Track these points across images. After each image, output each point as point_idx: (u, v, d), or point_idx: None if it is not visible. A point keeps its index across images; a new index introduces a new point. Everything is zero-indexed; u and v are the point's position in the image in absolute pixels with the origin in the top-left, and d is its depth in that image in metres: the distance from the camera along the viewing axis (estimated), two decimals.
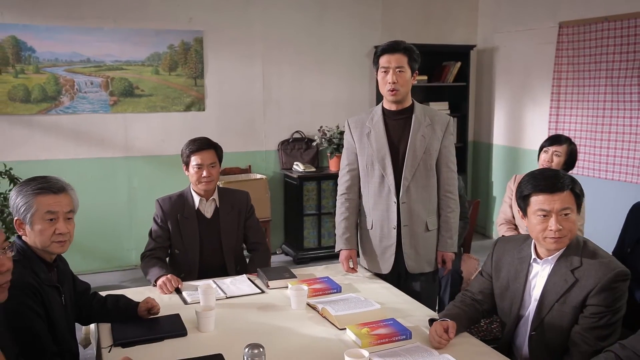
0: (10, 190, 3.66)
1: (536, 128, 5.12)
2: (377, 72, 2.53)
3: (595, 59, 4.49)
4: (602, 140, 4.50)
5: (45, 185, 1.76)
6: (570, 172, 3.37)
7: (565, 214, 1.78)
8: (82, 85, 4.58)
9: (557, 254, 1.83)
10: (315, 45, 5.24)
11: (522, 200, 1.86)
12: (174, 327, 1.98)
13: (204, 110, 4.95)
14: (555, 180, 1.80)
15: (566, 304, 1.78)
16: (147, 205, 4.78)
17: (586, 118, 4.62)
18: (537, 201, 1.80)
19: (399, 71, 2.44)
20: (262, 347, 1.54)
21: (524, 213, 1.87)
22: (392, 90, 2.46)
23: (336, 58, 5.33)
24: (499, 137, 5.70)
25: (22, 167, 4.02)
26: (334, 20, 5.28)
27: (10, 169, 3.84)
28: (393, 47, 2.46)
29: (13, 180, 3.82)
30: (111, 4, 4.57)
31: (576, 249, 1.82)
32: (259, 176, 4.97)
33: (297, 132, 5.27)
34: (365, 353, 1.68)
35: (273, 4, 5.06)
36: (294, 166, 5.12)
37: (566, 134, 4.60)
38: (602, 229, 3.29)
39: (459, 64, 5.53)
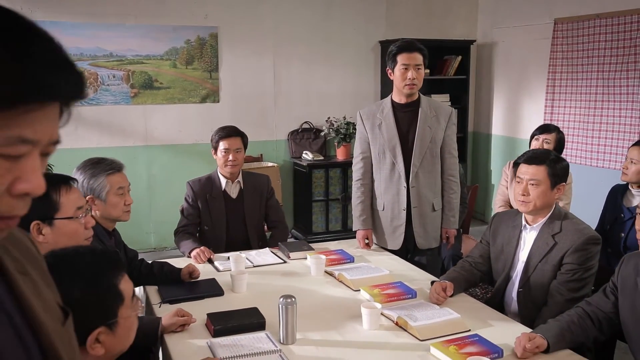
0: None
1: (532, 119, 5.40)
2: (393, 68, 2.76)
3: (588, 54, 4.78)
4: (593, 131, 4.79)
5: (111, 167, 2.09)
6: None
7: (532, 184, 2.11)
8: (105, 78, 4.87)
9: (542, 221, 2.16)
10: (322, 40, 5.53)
11: (514, 167, 2.22)
12: (212, 288, 2.30)
13: (218, 101, 5.24)
14: (536, 155, 2.14)
15: (547, 263, 2.10)
16: (165, 191, 5.09)
17: (579, 109, 4.91)
18: (519, 169, 2.16)
19: (418, 68, 2.72)
20: (294, 297, 1.85)
21: (513, 178, 2.22)
22: (409, 86, 2.73)
23: (343, 52, 5.61)
24: (497, 127, 5.99)
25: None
26: (341, 16, 5.56)
27: None
28: (412, 46, 2.73)
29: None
30: (132, 2, 4.85)
31: (558, 218, 2.14)
32: (270, 164, 5.27)
33: (306, 122, 5.56)
34: (378, 305, 2.00)
35: (283, 2, 5.33)
36: (303, 155, 5.42)
37: (560, 124, 4.90)
38: (591, 211, 3.55)
39: (459, 58, 5.79)
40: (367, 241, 2.94)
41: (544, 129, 3.42)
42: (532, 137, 3.47)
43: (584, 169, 4.81)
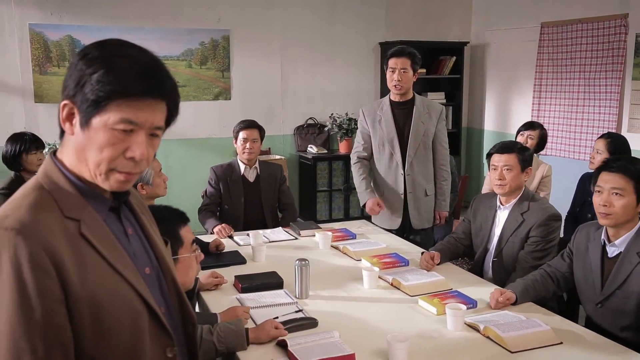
0: None
1: (521, 115, 5.78)
2: (387, 70, 3.19)
3: (571, 55, 5.18)
4: (575, 126, 5.20)
5: None
6: (544, 152, 4.05)
7: (506, 169, 2.52)
8: None
9: (513, 202, 2.57)
10: (326, 41, 5.93)
11: (487, 158, 2.61)
12: (236, 258, 2.71)
13: (230, 99, 5.65)
14: (507, 145, 2.55)
15: (516, 237, 2.52)
16: (181, 181, 5.49)
17: (563, 107, 5.32)
18: (493, 158, 2.56)
19: (403, 71, 3.12)
20: (307, 260, 2.27)
21: (489, 168, 2.61)
22: (396, 86, 3.15)
23: (345, 53, 6.02)
24: (489, 123, 6.39)
25: None
26: (343, 19, 5.97)
27: None
28: (399, 52, 3.14)
29: None
30: (151, 7, 5.25)
31: (526, 199, 2.55)
32: (277, 157, 5.69)
33: (310, 118, 5.97)
34: (376, 269, 2.41)
35: (290, 5, 5.74)
36: (308, 148, 5.83)
37: (545, 120, 5.32)
38: (571, 198, 3.93)
39: (454, 58, 6.16)
40: (379, 209, 3.21)
41: (528, 125, 3.79)
42: (517, 132, 3.84)
43: (566, 161, 5.22)
